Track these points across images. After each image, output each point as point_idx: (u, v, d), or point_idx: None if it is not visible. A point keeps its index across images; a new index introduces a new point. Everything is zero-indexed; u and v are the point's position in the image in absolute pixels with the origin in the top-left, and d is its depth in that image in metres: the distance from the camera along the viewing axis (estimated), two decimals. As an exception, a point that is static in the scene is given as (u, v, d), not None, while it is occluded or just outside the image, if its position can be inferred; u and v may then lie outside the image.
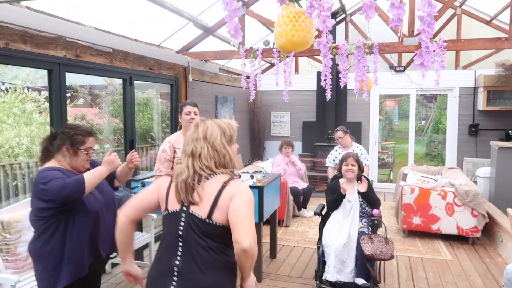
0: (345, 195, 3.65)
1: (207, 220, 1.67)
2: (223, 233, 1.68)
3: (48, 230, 2.21)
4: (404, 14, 1.76)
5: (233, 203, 1.66)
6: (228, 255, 1.72)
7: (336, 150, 5.32)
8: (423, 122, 15.59)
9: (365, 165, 5.26)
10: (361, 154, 5.25)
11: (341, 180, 3.69)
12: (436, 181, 5.58)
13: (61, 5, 3.60)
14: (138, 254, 3.99)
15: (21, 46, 3.24)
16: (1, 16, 2.95)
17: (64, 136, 2.28)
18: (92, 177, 2.18)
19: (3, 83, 6.93)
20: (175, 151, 3.45)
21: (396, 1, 1.74)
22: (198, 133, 1.78)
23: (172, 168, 3.50)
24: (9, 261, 2.91)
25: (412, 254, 4.73)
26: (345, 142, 5.26)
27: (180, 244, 1.70)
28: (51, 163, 2.28)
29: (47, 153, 2.32)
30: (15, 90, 6.72)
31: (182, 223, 1.70)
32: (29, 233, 3.02)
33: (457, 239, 5.14)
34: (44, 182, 2.13)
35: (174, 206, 1.74)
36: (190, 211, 1.69)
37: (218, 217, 1.67)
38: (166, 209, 1.77)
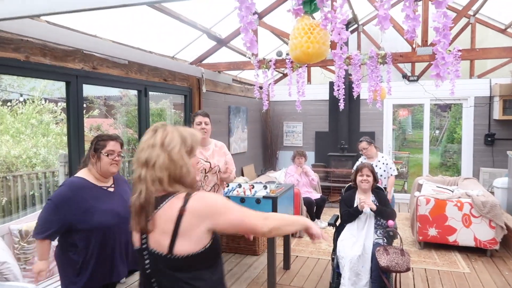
0: (362, 211, 3.62)
1: (168, 256, 1.49)
2: (192, 261, 1.51)
3: (61, 239, 2.32)
4: (419, 25, 1.75)
5: (222, 222, 1.53)
6: (207, 277, 1.56)
7: (361, 162, 5.24)
8: (437, 131, 15.41)
9: (391, 175, 5.19)
10: (387, 164, 5.18)
11: (362, 198, 3.67)
12: (452, 191, 5.49)
13: (79, 19, 3.69)
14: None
15: (41, 59, 3.33)
16: (21, 30, 3.03)
17: (90, 146, 2.44)
18: (39, 249, 2.33)
19: (21, 95, 7.09)
20: None
21: (411, 12, 1.74)
22: (155, 139, 1.57)
23: None
24: (26, 270, 2.95)
25: (429, 266, 4.65)
26: (369, 153, 5.17)
27: (153, 281, 1.56)
28: (81, 172, 2.43)
29: (83, 164, 2.49)
30: (33, 102, 6.88)
31: (146, 262, 1.55)
32: (47, 243, 3.06)
33: (475, 251, 5.03)
34: (51, 196, 2.31)
35: (136, 242, 1.59)
36: (150, 249, 1.53)
37: (180, 249, 1.49)
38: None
